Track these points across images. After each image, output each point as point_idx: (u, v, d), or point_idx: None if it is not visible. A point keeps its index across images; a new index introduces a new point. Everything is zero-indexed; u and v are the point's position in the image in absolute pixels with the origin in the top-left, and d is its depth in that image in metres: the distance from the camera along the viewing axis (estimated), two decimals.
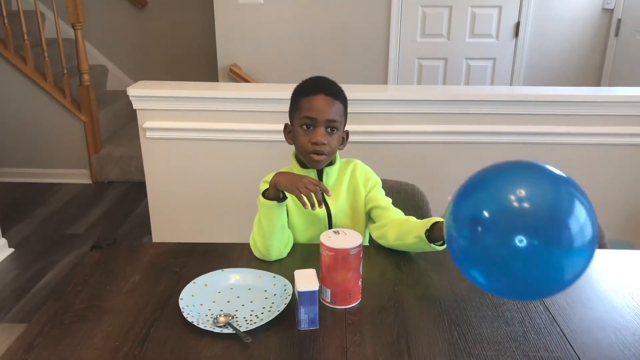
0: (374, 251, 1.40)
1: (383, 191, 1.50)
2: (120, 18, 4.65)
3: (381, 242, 1.41)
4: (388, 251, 1.39)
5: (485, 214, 0.97)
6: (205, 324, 1.08)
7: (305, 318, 1.08)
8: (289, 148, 1.48)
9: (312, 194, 1.23)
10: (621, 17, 3.75)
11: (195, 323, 1.08)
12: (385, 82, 3.98)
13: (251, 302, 1.17)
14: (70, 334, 1.08)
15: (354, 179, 1.48)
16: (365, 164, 1.52)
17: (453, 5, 3.84)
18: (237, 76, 3.81)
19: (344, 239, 1.16)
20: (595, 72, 3.96)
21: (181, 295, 1.16)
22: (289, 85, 1.47)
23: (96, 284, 1.25)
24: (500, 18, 3.85)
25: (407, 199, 1.66)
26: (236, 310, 1.14)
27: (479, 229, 0.97)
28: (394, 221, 1.40)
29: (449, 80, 4.02)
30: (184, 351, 1.03)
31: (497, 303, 1.17)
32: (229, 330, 1.06)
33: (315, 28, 3.87)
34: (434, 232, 1.27)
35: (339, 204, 1.46)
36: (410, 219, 1.40)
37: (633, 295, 1.22)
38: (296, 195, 1.23)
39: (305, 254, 1.38)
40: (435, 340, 1.06)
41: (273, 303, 1.16)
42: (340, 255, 1.13)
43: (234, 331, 1.06)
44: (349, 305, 1.16)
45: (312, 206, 1.23)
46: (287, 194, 1.31)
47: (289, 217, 1.42)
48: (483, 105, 2.31)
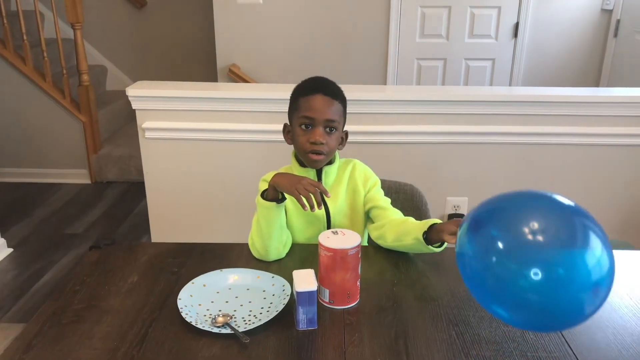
0: (372, 251, 1.41)
1: (382, 191, 1.50)
2: (120, 18, 4.65)
3: (379, 243, 1.41)
4: (386, 251, 1.39)
5: (500, 245, 0.95)
6: (203, 324, 1.08)
7: (303, 318, 1.08)
8: (288, 148, 1.48)
9: (312, 196, 1.22)
10: (620, 18, 3.75)
11: (193, 323, 1.08)
12: (384, 83, 3.98)
13: (250, 302, 1.17)
14: (68, 334, 1.08)
15: (353, 179, 1.48)
16: (364, 164, 1.52)
17: (452, 6, 3.84)
18: (236, 76, 3.81)
19: (343, 239, 1.16)
20: (594, 73, 3.96)
21: (179, 295, 1.16)
22: (288, 86, 1.47)
23: (95, 284, 1.25)
24: (500, 19, 3.86)
25: (406, 199, 1.66)
26: (234, 311, 1.14)
27: (494, 259, 0.96)
28: (393, 222, 1.40)
29: (448, 81, 4.02)
30: (182, 351, 1.03)
31: None
32: (228, 331, 1.06)
33: (315, 28, 3.87)
34: (432, 234, 1.27)
35: (338, 204, 1.46)
36: (409, 219, 1.40)
37: (631, 295, 1.22)
38: (295, 197, 1.23)
39: (304, 254, 1.38)
40: (433, 340, 1.06)
41: (271, 303, 1.16)
42: (339, 255, 1.13)
43: (233, 331, 1.06)
44: (347, 306, 1.17)
45: (312, 208, 1.22)
46: (287, 195, 1.31)
47: (287, 217, 1.42)
48: (482, 106, 2.31)
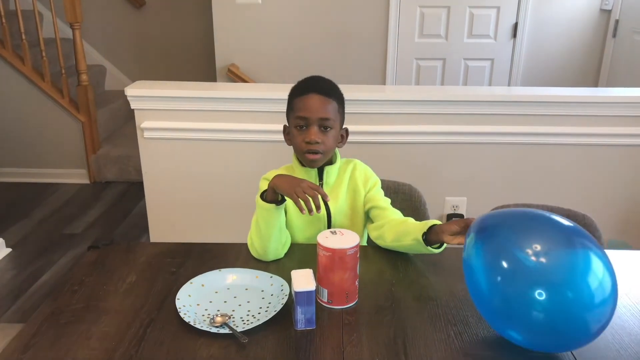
0: (371, 251, 1.41)
1: (382, 191, 1.50)
2: (119, 18, 4.65)
3: (379, 243, 1.41)
4: (385, 251, 1.39)
5: (504, 264, 0.97)
6: (202, 324, 1.08)
7: (302, 318, 1.08)
8: (287, 148, 1.48)
9: (310, 199, 1.22)
10: (619, 18, 3.76)
11: (192, 323, 1.08)
12: (383, 83, 3.98)
13: (248, 302, 1.17)
14: (66, 334, 1.08)
15: (353, 179, 1.48)
16: (365, 164, 1.52)
17: (451, 6, 3.84)
18: (235, 76, 3.81)
19: (341, 239, 1.16)
20: (593, 73, 3.96)
21: (178, 295, 1.16)
22: (286, 85, 1.47)
23: (93, 284, 1.25)
24: (498, 19, 3.86)
25: (405, 199, 1.66)
26: (233, 311, 1.14)
27: (499, 279, 0.98)
28: (392, 222, 1.40)
29: (447, 81, 4.03)
30: (180, 351, 1.03)
31: None
32: (226, 331, 1.06)
33: (314, 28, 3.87)
34: (431, 235, 1.27)
35: (339, 204, 1.46)
36: (409, 220, 1.40)
37: (629, 295, 1.22)
38: (294, 200, 1.23)
39: (303, 254, 1.38)
40: (432, 340, 1.06)
41: (270, 303, 1.16)
42: (337, 255, 1.13)
43: (231, 331, 1.06)
44: (345, 306, 1.17)
45: (310, 211, 1.22)
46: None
47: (288, 217, 1.42)
48: (481, 106, 2.31)
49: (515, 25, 3.86)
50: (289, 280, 1.14)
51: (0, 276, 2.72)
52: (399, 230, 1.35)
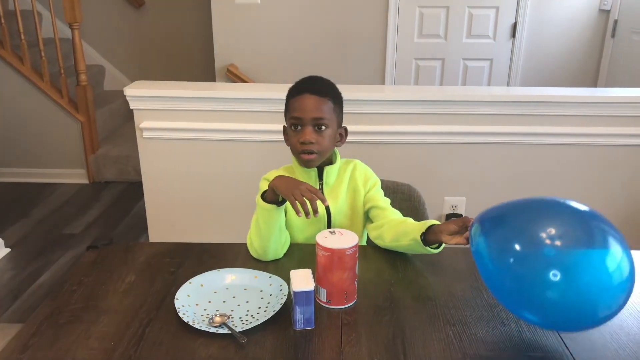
0: (370, 251, 1.41)
1: (382, 192, 1.50)
2: (118, 18, 4.65)
3: (378, 243, 1.41)
4: (384, 251, 1.39)
5: (517, 247, 0.98)
6: (200, 324, 1.08)
7: (300, 318, 1.08)
8: (287, 148, 1.48)
9: (308, 202, 1.22)
10: (618, 18, 3.76)
11: (190, 323, 1.08)
12: (382, 83, 3.98)
13: (247, 302, 1.17)
14: (65, 334, 1.08)
15: (353, 179, 1.48)
16: (365, 164, 1.52)
17: (450, 6, 3.85)
18: (235, 76, 3.81)
19: (340, 239, 1.16)
20: (592, 73, 3.97)
21: (177, 295, 1.16)
22: (285, 86, 1.47)
23: (92, 284, 1.25)
24: (497, 19, 3.86)
25: (404, 199, 1.66)
26: (232, 310, 1.14)
27: (511, 260, 0.98)
28: (391, 222, 1.40)
29: (446, 81, 4.03)
30: (179, 351, 1.03)
31: (493, 303, 1.17)
32: (225, 331, 1.06)
33: (313, 28, 3.87)
34: (430, 236, 1.27)
35: (339, 204, 1.46)
36: (408, 220, 1.40)
37: None
38: (291, 202, 1.22)
39: (302, 254, 1.38)
40: (430, 340, 1.06)
41: (269, 303, 1.16)
42: (336, 255, 1.13)
43: (230, 331, 1.06)
44: (344, 306, 1.17)
45: (307, 214, 1.22)
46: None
47: (287, 216, 1.42)
48: (480, 106, 2.31)
49: (514, 25, 3.87)
50: (287, 280, 1.14)
51: (0, 276, 2.72)
52: (398, 230, 1.36)
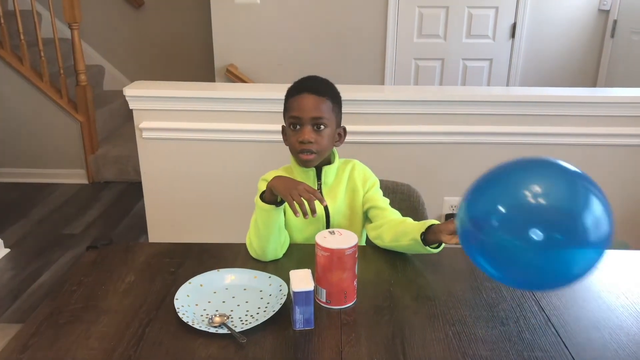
0: (369, 251, 1.41)
1: (381, 191, 1.50)
2: (117, 18, 4.65)
3: (377, 243, 1.41)
4: (384, 251, 1.39)
5: (501, 208, 0.96)
6: (200, 324, 1.08)
7: (300, 318, 1.08)
8: (285, 148, 1.48)
9: (306, 202, 1.22)
10: (617, 18, 3.76)
11: (190, 323, 1.08)
12: (381, 83, 3.98)
13: (246, 303, 1.17)
14: (65, 334, 1.08)
15: (352, 179, 1.48)
16: (364, 164, 1.52)
17: (450, 6, 3.85)
18: (234, 76, 3.81)
19: (339, 239, 1.16)
20: (591, 73, 3.97)
21: (176, 295, 1.16)
22: (285, 86, 1.47)
23: (92, 284, 1.25)
24: (497, 19, 3.86)
25: (403, 199, 1.66)
26: (231, 311, 1.14)
27: (495, 224, 0.96)
28: (391, 222, 1.40)
29: (446, 81, 4.03)
30: (179, 351, 1.03)
31: (492, 303, 1.17)
32: (224, 331, 1.06)
33: (312, 28, 3.87)
34: (430, 235, 1.27)
35: (337, 204, 1.46)
36: (407, 220, 1.40)
37: (627, 295, 1.22)
38: (288, 202, 1.22)
39: (301, 255, 1.38)
40: (430, 340, 1.06)
41: (268, 303, 1.16)
42: (336, 255, 1.13)
43: (229, 331, 1.06)
44: (344, 306, 1.17)
45: (304, 215, 1.22)
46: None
47: (286, 217, 1.41)
48: (479, 106, 2.31)
49: (514, 26, 3.87)
50: (287, 280, 1.14)
51: None
52: (398, 230, 1.36)
